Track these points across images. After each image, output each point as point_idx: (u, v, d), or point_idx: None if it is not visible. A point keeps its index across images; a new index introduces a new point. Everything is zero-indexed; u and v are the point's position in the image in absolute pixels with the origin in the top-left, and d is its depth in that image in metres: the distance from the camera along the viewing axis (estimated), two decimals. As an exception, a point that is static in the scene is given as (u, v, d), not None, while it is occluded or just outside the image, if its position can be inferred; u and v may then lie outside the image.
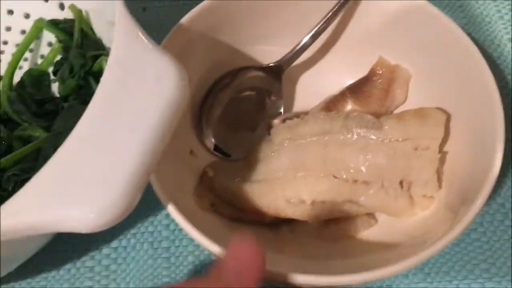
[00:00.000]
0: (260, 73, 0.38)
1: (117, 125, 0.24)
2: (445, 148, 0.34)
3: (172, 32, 0.33)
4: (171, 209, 0.28)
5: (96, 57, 0.36)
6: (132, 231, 0.36)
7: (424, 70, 0.36)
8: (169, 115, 0.25)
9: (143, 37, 0.27)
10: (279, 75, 0.37)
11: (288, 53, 0.37)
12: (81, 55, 0.36)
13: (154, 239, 0.36)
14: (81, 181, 0.23)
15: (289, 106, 0.40)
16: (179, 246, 0.36)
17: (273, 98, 0.38)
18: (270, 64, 0.37)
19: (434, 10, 0.34)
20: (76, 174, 0.23)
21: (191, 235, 0.28)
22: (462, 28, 0.33)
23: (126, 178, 0.23)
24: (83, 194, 0.23)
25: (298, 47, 0.36)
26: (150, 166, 0.24)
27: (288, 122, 0.35)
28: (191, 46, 0.35)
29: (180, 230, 0.36)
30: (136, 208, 0.29)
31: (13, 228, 0.23)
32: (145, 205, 0.34)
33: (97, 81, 0.34)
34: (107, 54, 0.35)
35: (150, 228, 0.37)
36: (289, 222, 0.34)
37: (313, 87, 0.40)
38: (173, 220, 0.36)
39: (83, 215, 0.23)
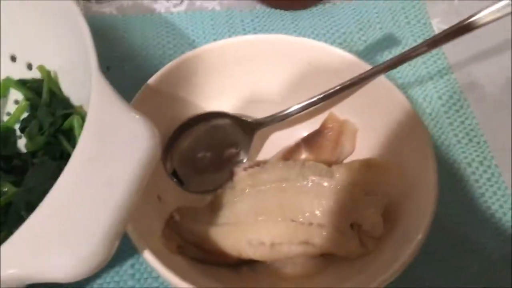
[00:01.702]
0: (235, 124, 0.40)
1: (96, 180, 0.27)
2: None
3: (140, 92, 0.36)
4: (145, 252, 0.30)
5: (65, 116, 0.38)
6: (98, 281, 0.38)
7: (370, 124, 0.40)
8: (143, 170, 0.28)
9: (118, 100, 0.30)
10: (253, 131, 0.40)
11: (271, 116, 0.40)
12: (50, 113, 0.38)
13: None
14: (62, 233, 0.25)
15: (250, 155, 0.42)
16: (145, 293, 0.38)
17: (239, 148, 0.41)
18: (248, 120, 0.40)
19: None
20: (57, 227, 0.25)
21: (163, 275, 0.30)
22: (399, 87, 0.38)
23: (104, 229, 0.25)
24: (63, 245, 0.25)
25: (283, 113, 0.40)
26: (126, 217, 0.27)
27: (250, 170, 0.38)
28: (158, 103, 0.38)
29: (146, 279, 0.38)
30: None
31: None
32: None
33: (68, 138, 0.37)
34: (77, 113, 0.37)
35: (116, 278, 0.38)
36: (250, 262, 0.36)
37: (271, 138, 0.44)
38: (138, 270, 0.38)
39: (64, 265, 0.25)
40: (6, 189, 0.36)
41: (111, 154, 0.28)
